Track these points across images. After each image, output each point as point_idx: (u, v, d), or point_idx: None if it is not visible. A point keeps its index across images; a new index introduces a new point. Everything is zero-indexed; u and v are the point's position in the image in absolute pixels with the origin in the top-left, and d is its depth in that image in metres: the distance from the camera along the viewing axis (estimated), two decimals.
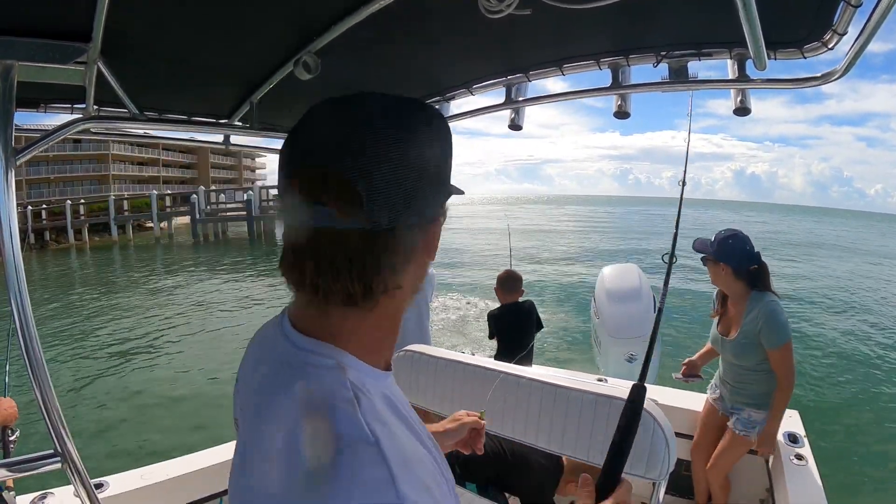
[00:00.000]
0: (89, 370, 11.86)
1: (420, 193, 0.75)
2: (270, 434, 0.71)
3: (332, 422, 0.66)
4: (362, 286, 0.74)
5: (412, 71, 2.52)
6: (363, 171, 0.69)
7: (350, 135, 0.73)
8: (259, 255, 33.79)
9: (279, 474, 0.66)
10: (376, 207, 0.70)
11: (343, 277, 0.72)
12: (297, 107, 2.75)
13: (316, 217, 0.71)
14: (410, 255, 0.78)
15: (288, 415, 0.70)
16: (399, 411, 0.77)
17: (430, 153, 0.77)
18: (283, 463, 0.66)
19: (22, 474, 1.72)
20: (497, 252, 27.34)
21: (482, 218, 64.53)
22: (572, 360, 10.66)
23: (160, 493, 2.55)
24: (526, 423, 2.49)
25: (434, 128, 0.80)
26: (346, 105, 0.80)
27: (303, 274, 0.75)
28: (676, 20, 2.00)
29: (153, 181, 73.07)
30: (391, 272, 0.75)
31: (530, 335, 4.12)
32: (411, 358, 3.07)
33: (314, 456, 0.63)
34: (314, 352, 0.76)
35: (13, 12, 1.55)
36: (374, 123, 0.74)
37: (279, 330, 0.83)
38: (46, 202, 50.48)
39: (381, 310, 0.79)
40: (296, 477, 0.63)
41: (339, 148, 0.72)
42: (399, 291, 0.79)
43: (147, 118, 2.37)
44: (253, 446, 0.76)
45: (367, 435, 0.64)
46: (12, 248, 1.61)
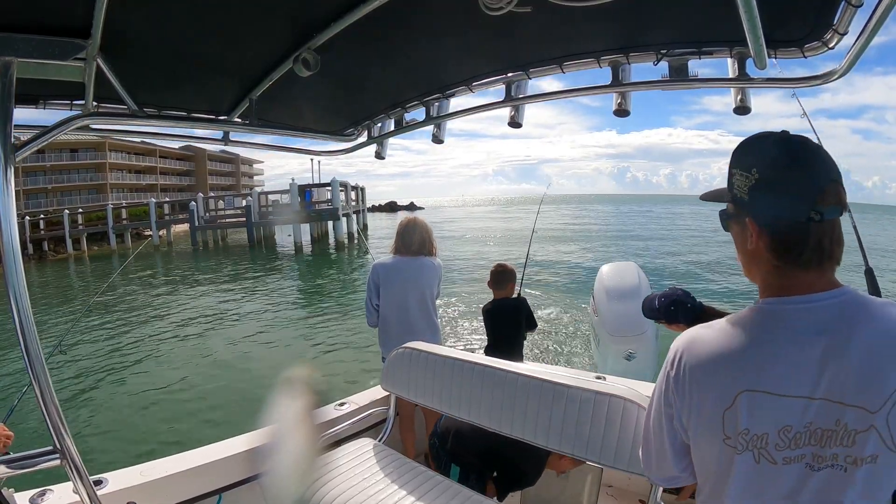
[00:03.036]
0: (89, 369, 11.89)
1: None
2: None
3: None
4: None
5: (412, 68, 2.52)
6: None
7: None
8: (260, 261, 33.63)
9: None
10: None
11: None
12: (297, 103, 2.77)
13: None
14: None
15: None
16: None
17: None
18: None
19: (21, 471, 1.72)
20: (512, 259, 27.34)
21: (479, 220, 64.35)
22: (571, 358, 10.65)
23: (159, 489, 2.54)
24: (524, 421, 2.50)
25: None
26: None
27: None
28: (677, 18, 2.00)
29: (151, 189, 73.01)
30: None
31: (519, 331, 4.11)
32: (409, 355, 3.08)
33: None
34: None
35: (12, 9, 1.55)
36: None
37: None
38: (44, 212, 50.27)
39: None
40: None
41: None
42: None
43: (146, 114, 2.37)
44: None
45: None
46: (12, 245, 1.61)
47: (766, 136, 1.22)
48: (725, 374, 1.16)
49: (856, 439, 1.05)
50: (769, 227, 1.17)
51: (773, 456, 1.11)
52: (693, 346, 1.23)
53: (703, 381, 1.20)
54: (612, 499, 3.43)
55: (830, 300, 1.12)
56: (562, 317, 14.41)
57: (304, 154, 3.64)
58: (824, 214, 1.10)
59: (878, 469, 1.05)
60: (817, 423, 1.08)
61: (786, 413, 1.09)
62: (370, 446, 2.91)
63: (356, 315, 15.71)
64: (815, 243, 1.12)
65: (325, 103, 2.95)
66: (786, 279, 1.16)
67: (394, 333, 4.00)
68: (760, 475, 1.13)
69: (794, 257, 1.14)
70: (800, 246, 1.13)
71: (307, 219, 41.46)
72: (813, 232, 1.12)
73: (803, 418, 1.08)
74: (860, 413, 1.04)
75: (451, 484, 2.56)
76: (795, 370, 1.09)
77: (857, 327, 1.08)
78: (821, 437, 1.08)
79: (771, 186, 1.15)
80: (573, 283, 19.95)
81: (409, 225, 4.15)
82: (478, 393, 2.70)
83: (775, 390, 1.10)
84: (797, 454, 1.10)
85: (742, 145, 1.24)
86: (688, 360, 1.22)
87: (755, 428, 1.12)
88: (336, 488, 2.49)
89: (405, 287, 3.99)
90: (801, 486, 1.11)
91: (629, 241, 38.88)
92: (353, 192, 46.17)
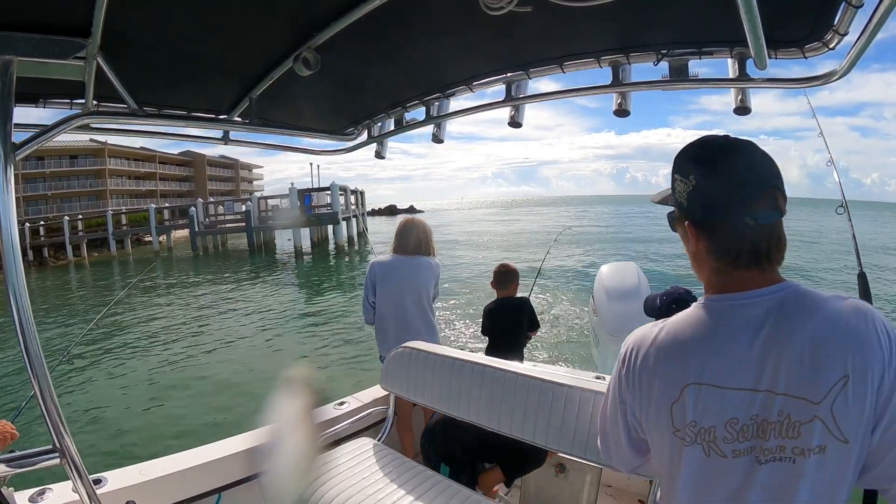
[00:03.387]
0: (89, 368, 11.92)
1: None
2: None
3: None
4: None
5: (412, 67, 2.52)
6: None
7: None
8: (260, 266, 33.63)
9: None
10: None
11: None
12: (297, 103, 2.77)
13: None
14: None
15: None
16: None
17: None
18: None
19: (21, 470, 1.72)
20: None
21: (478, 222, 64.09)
22: (571, 358, 10.66)
23: (158, 488, 2.54)
24: (524, 420, 2.50)
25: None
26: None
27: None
28: (677, 18, 2.00)
29: (151, 195, 73.05)
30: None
31: (520, 332, 4.11)
32: (409, 355, 3.09)
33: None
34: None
35: (13, 8, 1.55)
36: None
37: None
38: (44, 218, 50.32)
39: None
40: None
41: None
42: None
43: (146, 113, 2.37)
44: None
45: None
46: (12, 244, 1.62)
47: (705, 143, 1.26)
48: (672, 368, 1.21)
49: (800, 430, 1.08)
50: (706, 230, 1.22)
51: (722, 449, 1.15)
52: (642, 344, 1.29)
53: (651, 376, 1.25)
54: (612, 498, 3.43)
55: (770, 296, 1.16)
56: (561, 317, 14.41)
57: (304, 153, 3.64)
58: (758, 219, 1.15)
59: (829, 461, 1.07)
60: (763, 416, 1.11)
61: (731, 406, 1.13)
62: (369, 446, 2.91)
63: (357, 319, 15.74)
64: (750, 246, 1.17)
65: (326, 103, 2.95)
66: (726, 278, 1.21)
67: (391, 332, 4.04)
68: (711, 468, 1.16)
69: (732, 259, 1.19)
70: (736, 249, 1.18)
71: (307, 223, 41.44)
72: (748, 236, 1.17)
73: (749, 411, 1.12)
74: (803, 404, 1.07)
75: (449, 483, 2.56)
76: (737, 364, 1.13)
77: (799, 321, 1.11)
78: (766, 429, 1.10)
79: (707, 192, 1.20)
80: (573, 282, 19.93)
81: (407, 225, 4.21)
82: (477, 392, 2.70)
83: (720, 383, 1.14)
84: (745, 447, 1.13)
85: (683, 151, 1.29)
86: (637, 357, 1.28)
87: (702, 420, 1.16)
88: (335, 487, 2.49)
89: (401, 286, 4.03)
90: (749, 479, 1.13)
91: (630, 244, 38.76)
92: (352, 195, 46.20)
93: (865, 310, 1.12)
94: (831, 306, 1.12)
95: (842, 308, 1.12)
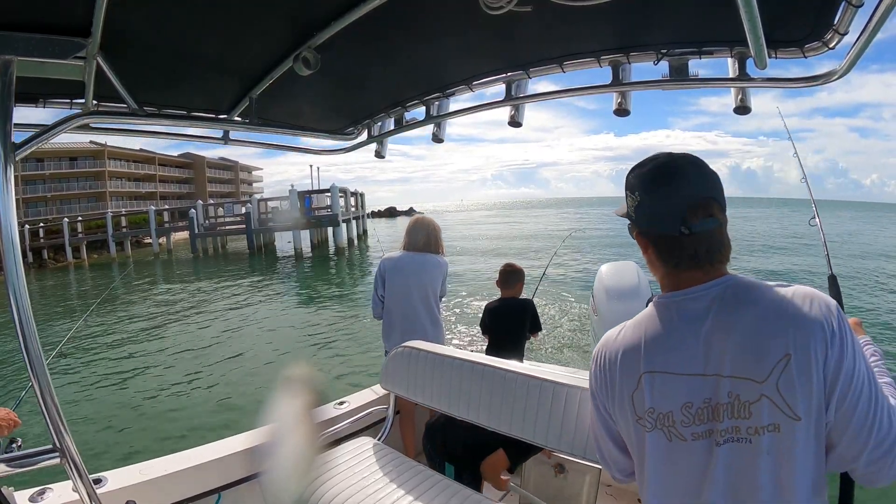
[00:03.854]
0: (89, 369, 11.96)
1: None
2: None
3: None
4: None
5: (412, 67, 2.52)
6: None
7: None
8: (260, 268, 33.59)
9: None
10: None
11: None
12: (297, 102, 2.77)
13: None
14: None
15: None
16: None
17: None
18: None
19: (21, 469, 1.72)
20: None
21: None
22: (571, 357, 10.65)
23: (158, 488, 2.55)
24: (524, 419, 2.50)
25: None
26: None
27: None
28: (677, 18, 2.00)
29: (150, 197, 73.07)
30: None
31: (522, 333, 4.12)
32: (409, 354, 3.09)
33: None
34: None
35: (13, 7, 1.55)
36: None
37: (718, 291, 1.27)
38: (43, 220, 50.25)
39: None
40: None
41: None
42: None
43: (146, 113, 2.37)
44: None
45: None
46: (12, 242, 1.61)
47: (647, 162, 1.38)
48: (630, 360, 1.33)
49: (750, 410, 1.16)
50: (651, 240, 1.35)
51: (681, 433, 1.23)
52: (606, 343, 1.43)
53: (614, 371, 1.37)
54: (612, 498, 3.43)
55: (712, 288, 1.26)
56: (561, 316, 14.40)
57: (304, 153, 3.65)
58: (692, 228, 1.25)
59: (784, 438, 1.14)
60: (714, 399, 1.19)
61: (685, 390, 1.23)
62: (370, 445, 2.91)
63: (358, 319, 15.74)
64: (689, 252, 1.28)
65: (326, 102, 2.95)
66: (674, 278, 1.32)
67: (397, 326, 4.10)
68: (673, 452, 1.25)
69: (674, 265, 1.31)
70: (676, 255, 1.30)
71: (307, 225, 41.45)
72: (686, 243, 1.27)
73: (701, 394, 1.21)
74: (749, 384, 1.15)
75: (450, 482, 2.56)
76: (687, 351, 1.24)
77: (740, 308, 1.21)
78: (718, 411, 1.19)
79: (647, 206, 1.33)
80: (574, 282, 19.91)
81: (416, 223, 4.32)
82: (477, 392, 2.70)
83: (672, 370, 1.25)
84: (703, 430, 1.21)
85: (631, 169, 1.41)
86: (603, 356, 1.42)
87: (659, 406, 1.26)
88: (335, 487, 2.49)
89: (409, 282, 4.09)
90: (710, 460, 1.20)
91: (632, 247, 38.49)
92: (352, 197, 46.18)
93: (809, 293, 1.20)
94: (773, 292, 1.21)
95: (784, 293, 1.21)
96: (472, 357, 2.86)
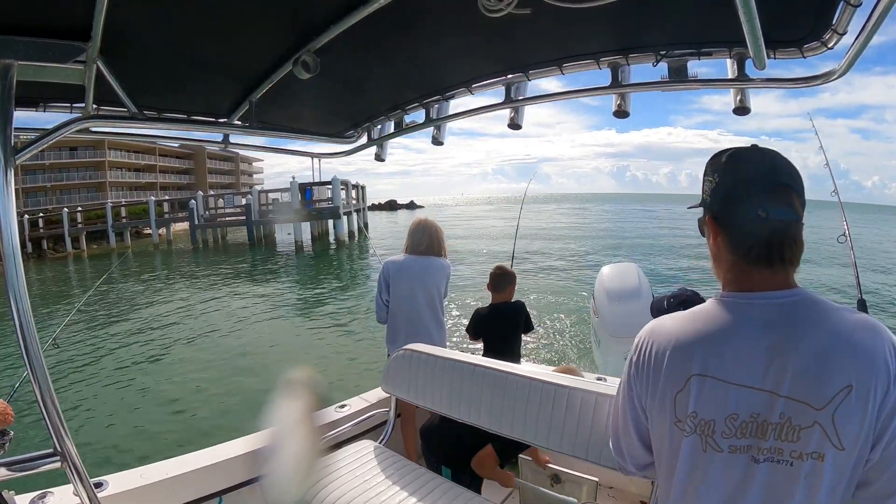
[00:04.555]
0: (89, 369, 11.91)
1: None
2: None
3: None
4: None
5: (411, 70, 2.52)
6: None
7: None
8: (260, 260, 33.59)
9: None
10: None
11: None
12: (296, 106, 2.77)
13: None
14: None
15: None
16: None
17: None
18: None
19: (21, 473, 1.72)
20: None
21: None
22: (572, 359, 10.65)
23: (159, 492, 2.55)
24: (525, 422, 2.49)
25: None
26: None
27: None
28: (676, 19, 2.00)
29: (150, 187, 72.94)
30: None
31: (517, 335, 4.10)
32: (410, 357, 3.09)
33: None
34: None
35: (13, 11, 1.55)
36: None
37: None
38: (43, 210, 50.24)
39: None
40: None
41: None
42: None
43: (146, 117, 2.37)
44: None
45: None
46: (12, 246, 1.62)
47: (731, 148, 1.33)
48: (680, 358, 1.24)
49: (799, 435, 1.10)
50: (724, 223, 1.27)
51: (718, 444, 1.17)
52: (654, 333, 1.33)
53: (660, 365, 1.28)
54: (613, 500, 3.43)
55: (783, 298, 1.18)
56: (562, 318, 14.40)
57: (304, 156, 3.64)
58: (770, 213, 1.19)
59: (826, 467, 1.09)
60: (764, 416, 1.13)
61: (733, 401, 1.16)
62: (371, 448, 2.91)
63: (358, 315, 15.76)
64: (763, 241, 1.20)
65: (325, 105, 2.95)
66: (741, 275, 1.24)
67: (401, 330, 4.09)
68: (707, 462, 1.19)
69: (745, 251, 1.23)
70: (748, 241, 1.22)
71: (308, 217, 41.46)
72: (761, 229, 1.20)
73: (749, 408, 1.14)
74: (805, 409, 1.10)
75: (451, 486, 2.56)
76: (743, 360, 1.16)
77: (808, 327, 1.14)
78: (765, 429, 1.13)
79: (726, 186, 1.27)
80: (574, 283, 19.91)
81: (419, 226, 4.29)
82: (478, 395, 2.70)
83: (724, 377, 1.17)
84: (743, 444, 1.15)
85: (713, 156, 1.35)
86: (649, 346, 1.32)
87: (703, 412, 1.19)
88: (337, 490, 2.49)
89: (412, 285, 4.08)
90: (748, 477, 1.15)
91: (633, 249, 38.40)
92: (353, 190, 46.20)
93: (876, 327, 1.14)
94: (842, 317, 1.15)
95: (852, 321, 1.14)
96: (474, 360, 2.86)
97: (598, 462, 2.24)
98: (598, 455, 2.22)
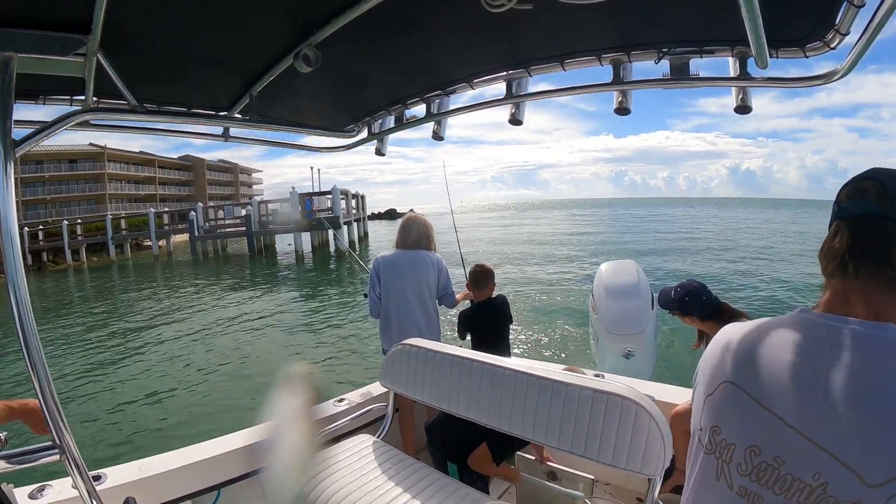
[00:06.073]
0: (88, 364, 12.06)
1: None
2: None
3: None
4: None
5: (413, 64, 2.52)
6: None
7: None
8: (261, 270, 33.62)
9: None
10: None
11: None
12: (297, 100, 2.77)
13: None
14: None
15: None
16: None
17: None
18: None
19: (20, 466, 1.72)
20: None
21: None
22: (570, 356, 10.67)
23: (158, 484, 2.56)
24: (523, 417, 2.51)
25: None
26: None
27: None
28: (678, 17, 2.00)
29: (150, 199, 73.17)
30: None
31: (505, 328, 4.16)
32: (408, 352, 3.11)
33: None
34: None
35: (12, 4, 1.55)
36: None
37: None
38: (43, 223, 50.35)
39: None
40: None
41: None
42: None
43: (146, 110, 2.36)
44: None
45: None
46: (11, 240, 1.61)
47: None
48: (722, 360, 1.12)
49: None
50: (845, 221, 1.08)
51: (731, 478, 1.02)
52: (724, 331, 1.19)
53: (707, 363, 1.18)
54: (610, 496, 3.43)
55: (862, 329, 0.96)
56: (561, 315, 14.41)
57: (305, 150, 3.65)
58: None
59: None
60: (790, 466, 0.93)
61: (755, 425, 1.00)
62: (369, 443, 2.93)
63: (358, 321, 15.75)
64: (877, 243, 1.01)
65: (326, 99, 2.95)
66: (830, 292, 1.07)
67: (393, 323, 4.16)
68: (715, 493, 1.06)
69: (855, 252, 1.03)
70: (861, 240, 1.03)
71: (308, 227, 41.49)
72: (878, 228, 1.02)
73: (774, 447, 0.96)
74: (853, 481, 0.86)
75: (449, 480, 2.57)
76: (780, 381, 0.98)
77: (889, 377, 0.90)
78: (789, 485, 0.93)
79: (852, 183, 1.08)
80: (573, 280, 19.91)
81: (408, 221, 4.37)
82: (476, 389, 2.71)
83: (753, 393, 1.02)
84: (753, 489, 0.98)
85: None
86: (715, 342, 1.19)
87: (725, 428, 1.06)
88: (335, 484, 2.50)
89: (403, 279, 4.15)
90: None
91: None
92: (353, 199, 46.28)
93: None
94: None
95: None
96: (472, 355, 2.87)
97: (596, 459, 2.24)
98: (595, 452, 2.22)
